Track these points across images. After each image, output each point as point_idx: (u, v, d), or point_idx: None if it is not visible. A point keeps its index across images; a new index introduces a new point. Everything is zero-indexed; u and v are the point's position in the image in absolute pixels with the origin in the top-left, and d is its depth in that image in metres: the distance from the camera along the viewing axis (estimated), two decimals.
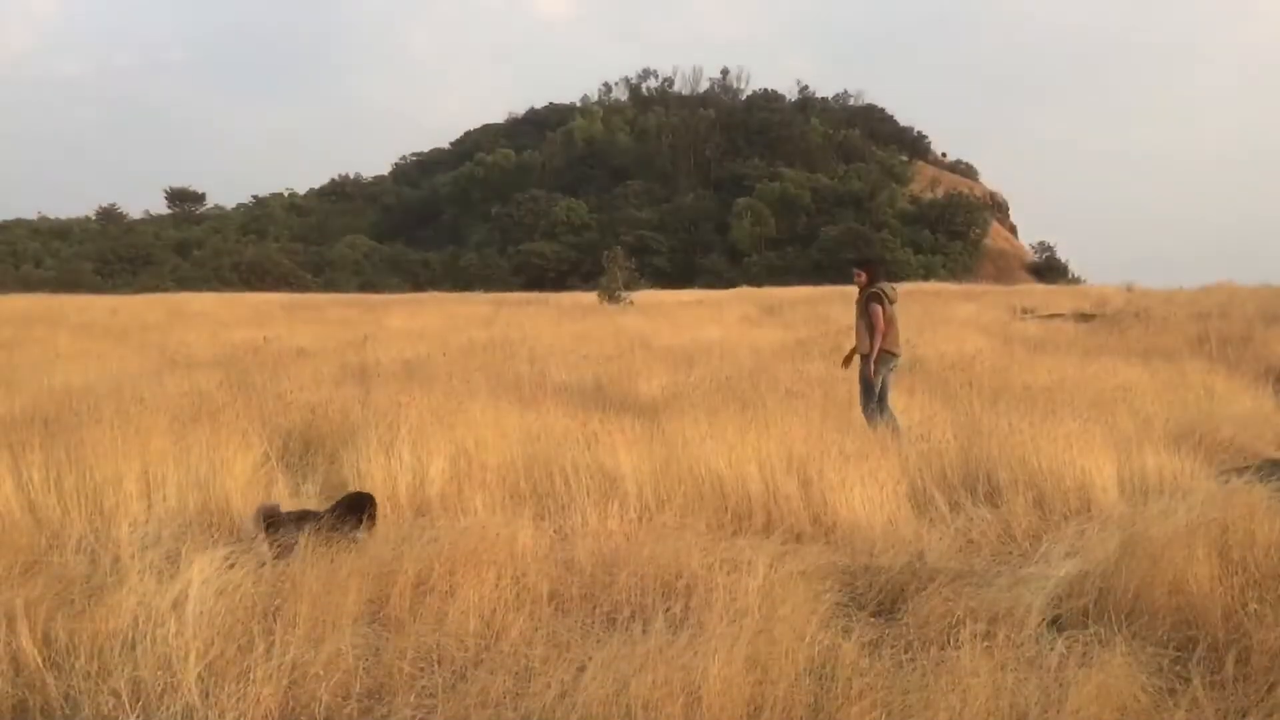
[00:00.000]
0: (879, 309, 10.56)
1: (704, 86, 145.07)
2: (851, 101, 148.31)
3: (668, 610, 5.24)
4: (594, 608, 5.48)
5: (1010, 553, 6.77)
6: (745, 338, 22.10)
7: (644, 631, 4.90)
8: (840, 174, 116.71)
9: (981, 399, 11.18)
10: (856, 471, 7.61)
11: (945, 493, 7.83)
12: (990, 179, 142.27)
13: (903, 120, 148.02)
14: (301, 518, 6.33)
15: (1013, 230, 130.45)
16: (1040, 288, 60.14)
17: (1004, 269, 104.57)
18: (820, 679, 4.40)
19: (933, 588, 5.54)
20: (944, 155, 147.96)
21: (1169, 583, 5.35)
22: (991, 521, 7.25)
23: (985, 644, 4.58)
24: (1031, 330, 23.27)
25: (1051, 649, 4.68)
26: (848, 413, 10.42)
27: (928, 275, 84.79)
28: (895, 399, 10.86)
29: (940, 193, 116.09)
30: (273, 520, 6.31)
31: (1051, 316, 28.31)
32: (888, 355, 10.60)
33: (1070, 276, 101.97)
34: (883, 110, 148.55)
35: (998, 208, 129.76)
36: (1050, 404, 10.84)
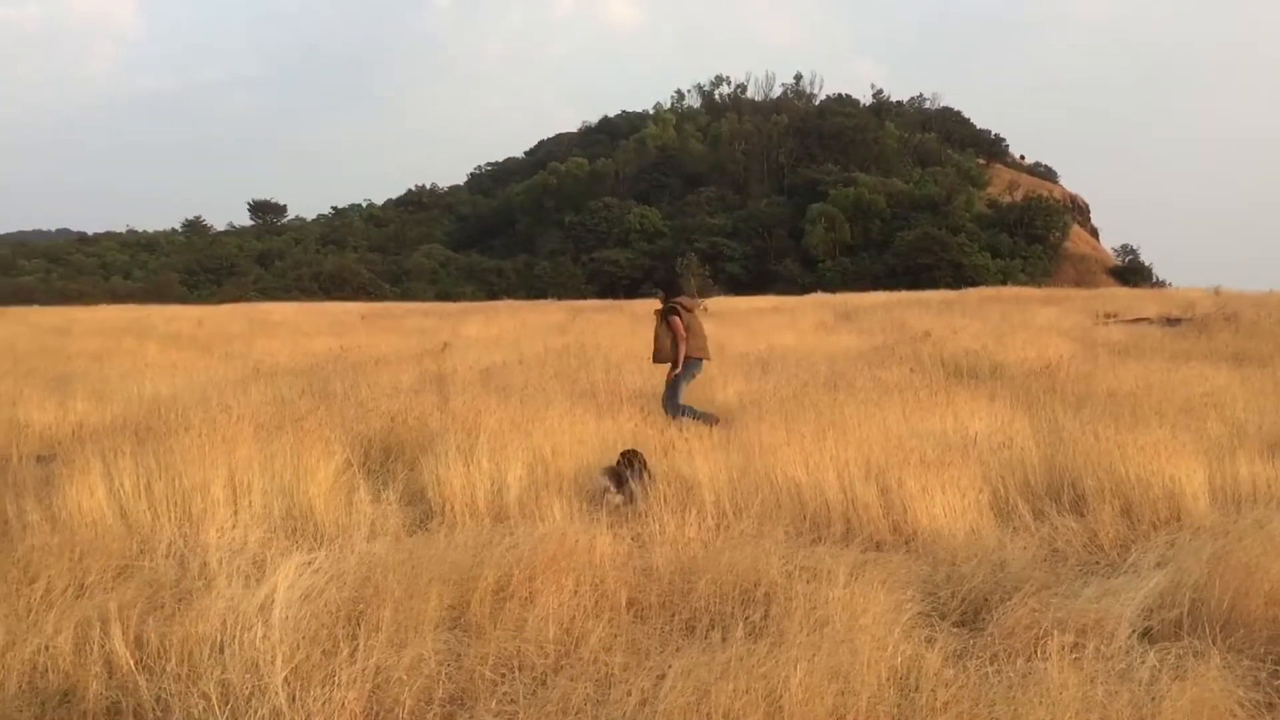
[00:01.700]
0: (677, 320, 11.57)
1: (777, 92, 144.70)
2: (927, 105, 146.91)
3: (747, 618, 5.21)
4: (673, 615, 5.47)
5: (1097, 563, 6.62)
6: (821, 344, 21.93)
7: (723, 640, 4.88)
8: (916, 178, 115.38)
9: (1065, 405, 10.98)
10: (937, 479, 7.49)
11: (1029, 501, 7.68)
12: (1071, 181, 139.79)
13: (980, 123, 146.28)
14: (621, 475, 7.89)
15: (1094, 233, 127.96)
16: (1123, 291, 58.78)
17: (1085, 273, 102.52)
18: (903, 690, 4.34)
19: (1018, 598, 5.43)
20: (1022, 158, 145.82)
21: (1266, 594, 5.20)
22: (1077, 531, 7.09)
23: (1074, 656, 4.50)
24: (1115, 335, 22.75)
25: (1143, 662, 4.57)
26: (928, 419, 10.27)
27: (1006, 280, 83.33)
28: (974, 406, 10.78)
29: (1019, 196, 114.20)
30: (615, 478, 7.81)
31: (1136, 321, 27.65)
32: (695, 360, 11.69)
33: (1154, 280, 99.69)
34: (959, 113, 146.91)
35: (1078, 210, 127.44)
36: (1137, 410, 10.60)
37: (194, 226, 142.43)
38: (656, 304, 12.10)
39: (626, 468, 8.04)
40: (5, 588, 5.64)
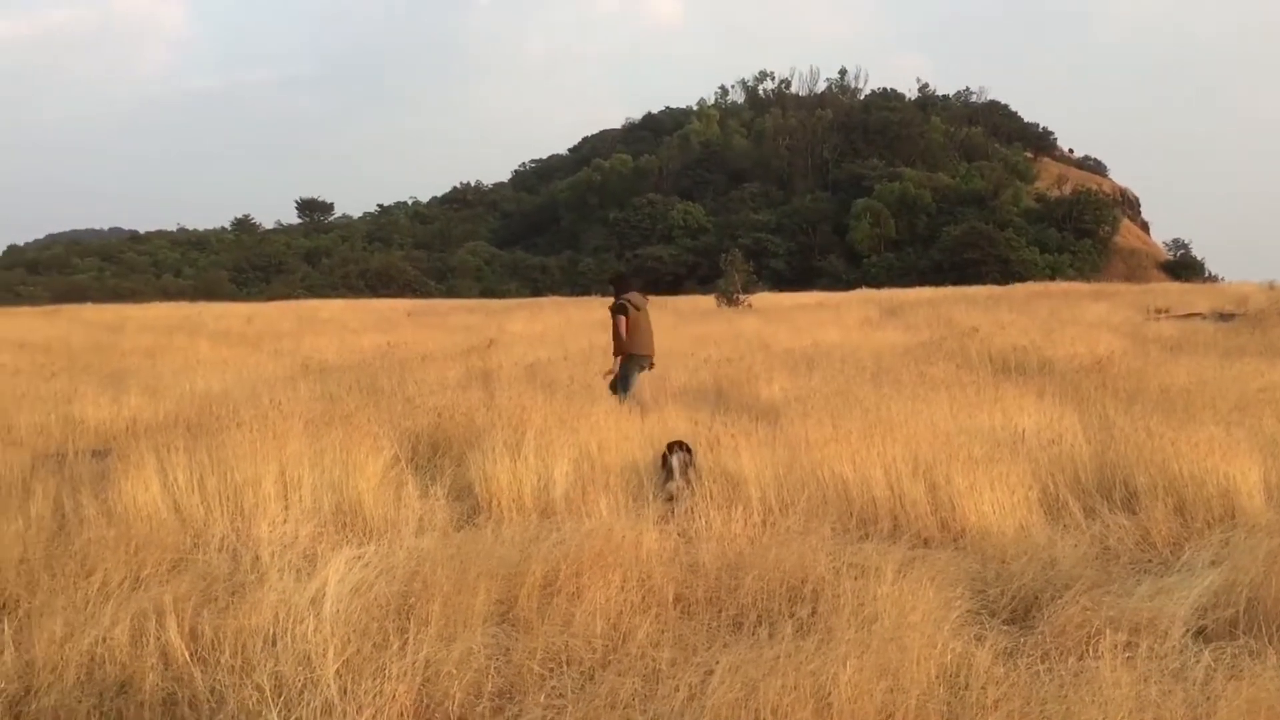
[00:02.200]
0: (621, 319, 12.23)
1: (821, 87, 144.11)
2: (973, 98, 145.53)
3: (794, 615, 5.20)
4: (719, 611, 5.46)
5: (1150, 561, 6.53)
6: (866, 340, 21.80)
7: (771, 636, 4.88)
8: (962, 173, 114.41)
9: (1115, 402, 10.84)
10: (985, 476, 7.43)
11: (1079, 498, 7.59)
12: (1121, 175, 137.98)
13: (1027, 116, 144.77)
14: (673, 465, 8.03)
15: (1144, 227, 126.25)
16: (1175, 286, 57.83)
17: (1135, 268, 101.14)
18: (953, 687, 4.32)
19: (1069, 596, 5.38)
20: (1071, 151, 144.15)
21: None
22: (1129, 528, 7.00)
23: (1127, 655, 4.45)
24: (1167, 330, 22.43)
25: (1197, 661, 4.52)
26: (976, 415, 10.19)
27: (1054, 275, 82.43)
28: (1023, 402, 10.69)
29: (1067, 190, 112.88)
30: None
31: (1188, 316, 27.23)
32: (639, 357, 12.20)
33: (1206, 275, 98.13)
34: (1006, 106, 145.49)
35: (1128, 204, 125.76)
36: (1190, 407, 10.45)
37: (243, 225, 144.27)
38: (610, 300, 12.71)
39: (676, 456, 8.14)
40: (63, 580, 5.75)
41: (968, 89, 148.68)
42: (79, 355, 21.99)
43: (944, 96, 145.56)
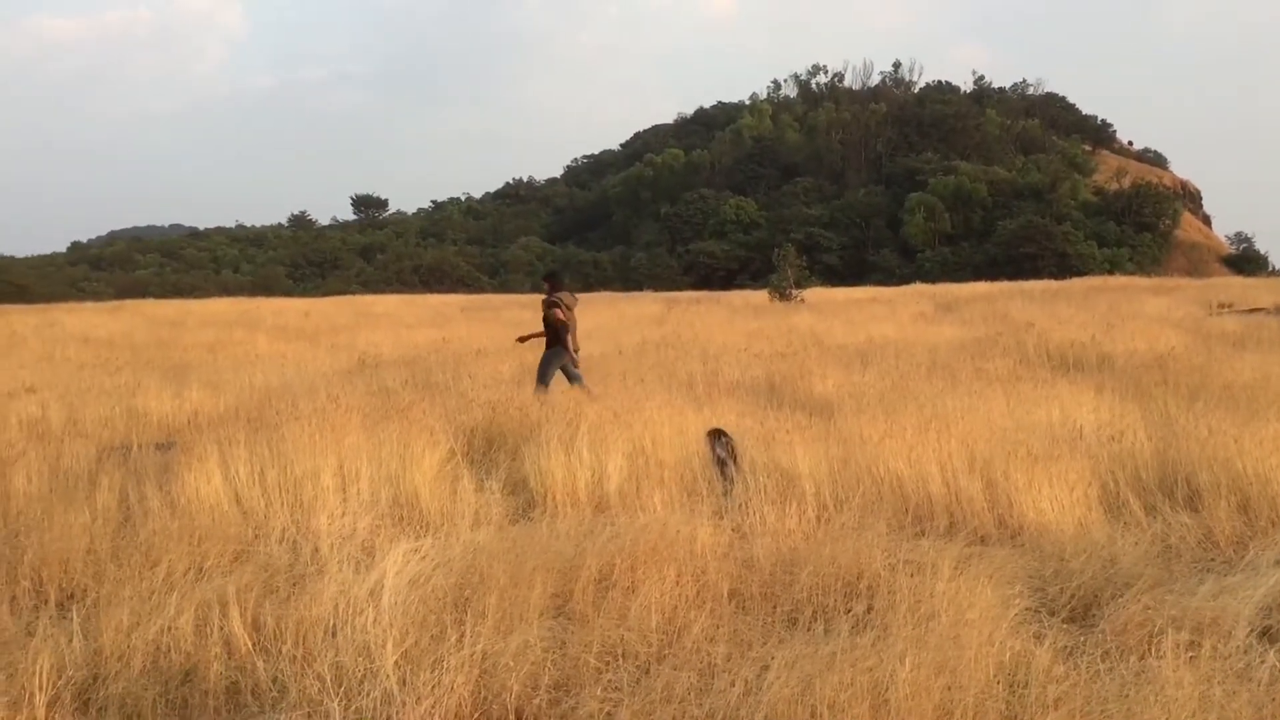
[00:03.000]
0: (557, 313, 12.96)
1: (875, 80, 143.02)
2: (1030, 91, 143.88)
3: (850, 611, 5.17)
4: (774, 607, 5.45)
5: (1213, 560, 6.42)
6: (921, 335, 21.61)
7: (826, 632, 4.86)
8: (1019, 166, 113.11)
9: (1177, 398, 10.65)
10: (1044, 472, 7.34)
11: (1140, 496, 7.48)
12: (1182, 167, 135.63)
13: (1086, 109, 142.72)
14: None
15: (1206, 221, 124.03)
16: (1237, 281, 56.67)
17: (1197, 261, 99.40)
18: (1012, 686, 4.28)
19: (1130, 594, 5.31)
20: (1130, 143, 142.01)
21: None
22: (1191, 527, 6.88)
23: (1189, 654, 4.37)
24: (1230, 326, 21.98)
25: (1262, 661, 4.43)
26: (1033, 411, 10.06)
27: (1113, 269, 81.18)
28: (1081, 398, 10.57)
29: (1126, 183, 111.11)
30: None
31: (1252, 311, 26.69)
32: (561, 349, 12.96)
33: (1270, 269, 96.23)
34: (1063, 99, 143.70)
35: (1189, 197, 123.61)
36: (1254, 403, 10.24)
37: (299, 221, 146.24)
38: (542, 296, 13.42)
39: (720, 443, 8.37)
40: (129, 570, 5.87)
41: (1024, 81, 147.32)
42: (142, 350, 22.41)
43: (1000, 89, 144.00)
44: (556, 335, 13.00)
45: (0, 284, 77.06)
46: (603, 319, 30.93)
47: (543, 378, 12.84)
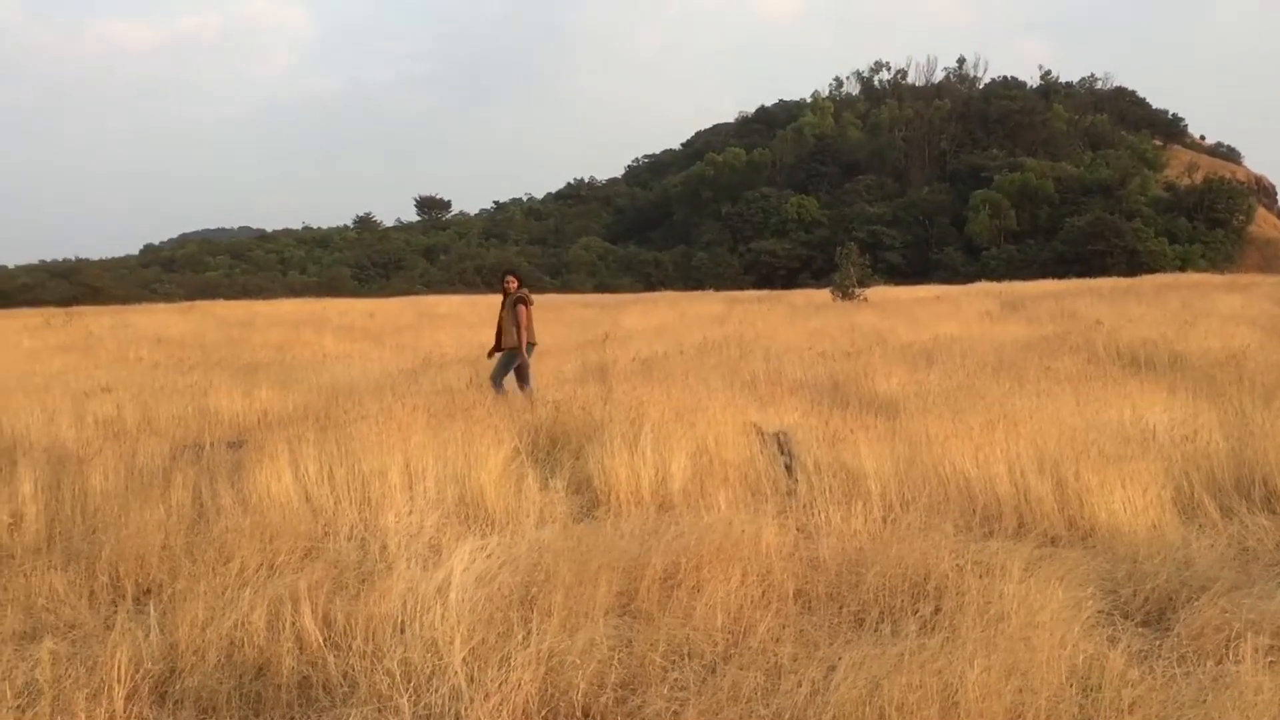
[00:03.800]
0: (525, 310, 12.90)
1: (939, 77, 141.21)
2: (1099, 85, 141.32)
3: (917, 612, 5.13)
4: (840, 607, 5.42)
5: None
6: (987, 334, 21.33)
7: (894, 633, 4.83)
8: (1087, 162, 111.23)
9: (1253, 397, 10.41)
10: (1115, 473, 7.22)
11: (1215, 497, 7.33)
12: (1256, 162, 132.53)
13: (1156, 103, 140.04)
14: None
15: None
16: None
17: (1271, 258, 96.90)
18: (1085, 689, 4.21)
19: (1206, 598, 5.20)
20: (1202, 138, 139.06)
21: None
22: (1269, 529, 6.72)
23: (1269, 659, 4.29)
24: None
25: None
26: (1104, 410, 9.89)
27: (1184, 266, 79.64)
28: (1153, 397, 10.39)
29: (1198, 178, 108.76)
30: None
31: None
32: (530, 345, 13.00)
33: None
34: (1133, 93, 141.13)
35: (1264, 193, 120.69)
36: None
37: (364, 223, 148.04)
38: (508, 292, 13.19)
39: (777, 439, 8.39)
40: (203, 566, 5.98)
41: (1093, 75, 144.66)
42: (212, 350, 22.82)
43: (1068, 83, 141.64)
44: (517, 333, 12.84)
45: (76, 286, 79.08)
46: (664, 318, 30.94)
47: (525, 373, 12.85)
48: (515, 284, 13.12)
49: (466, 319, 32.75)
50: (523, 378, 12.79)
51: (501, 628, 4.77)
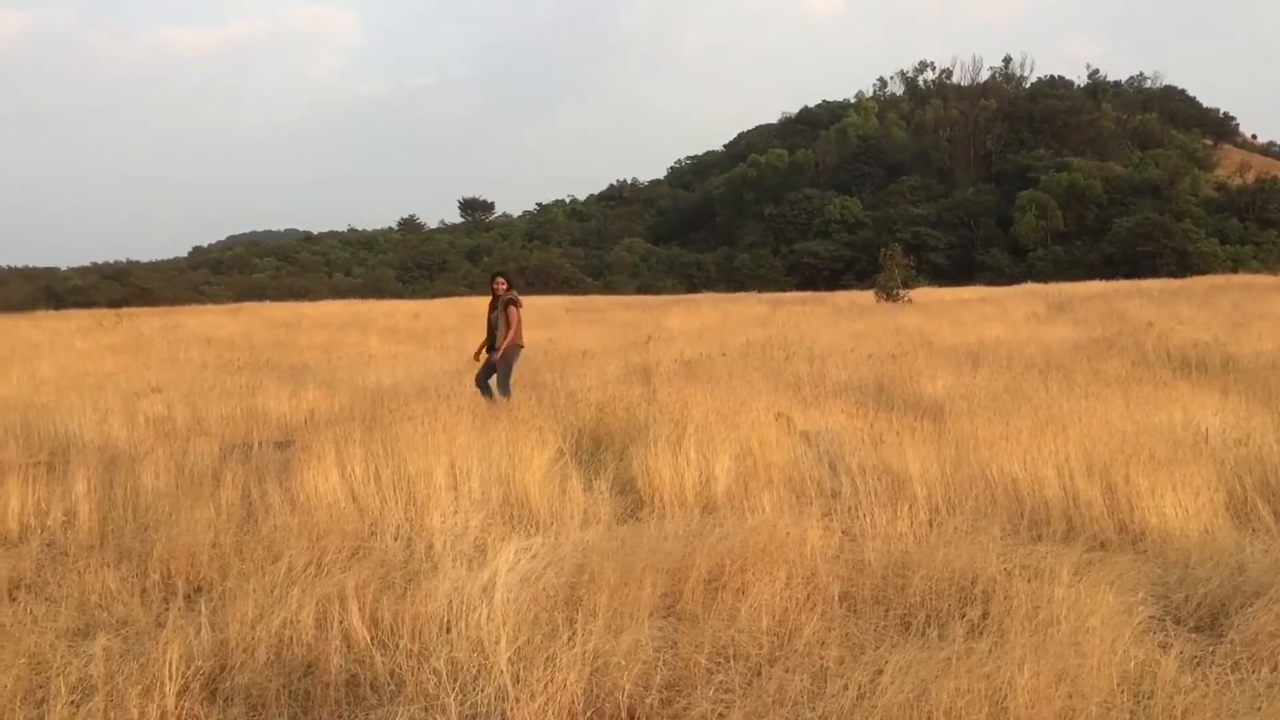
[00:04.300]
0: (517, 312, 12.74)
1: (984, 76, 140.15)
2: (1147, 84, 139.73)
3: (964, 616, 5.09)
4: (886, 611, 5.38)
5: None
6: (1033, 336, 21.12)
7: (941, 637, 4.79)
8: (1135, 161, 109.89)
9: None
10: (1166, 477, 7.11)
11: (1269, 502, 7.20)
12: None
13: (1207, 102, 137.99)
14: None
15: None
16: None
17: None
18: (1137, 696, 4.15)
19: (1260, 603, 5.10)
20: (1254, 137, 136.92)
21: None
22: None
23: None
24: None
25: None
26: (1154, 414, 9.75)
27: (1236, 267, 78.29)
28: (1205, 400, 10.23)
29: (1250, 178, 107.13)
30: None
31: None
32: (518, 347, 12.81)
33: None
34: (1183, 91, 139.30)
35: None
36: None
37: (409, 225, 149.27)
38: (498, 294, 12.92)
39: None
40: (252, 565, 6.05)
41: (1141, 74, 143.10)
42: (260, 350, 23.07)
43: (1116, 83, 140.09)
44: (505, 335, 12.60)
45: (127, 288, 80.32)
46: (707, 320, 30.91)
47: (509, 376, 12.62)
48: (504, 286, 12.97)
49: None
50: (504, 382, 12.61)
51: (546, 628, 4.78)
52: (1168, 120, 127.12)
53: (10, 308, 54.07)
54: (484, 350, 12.97)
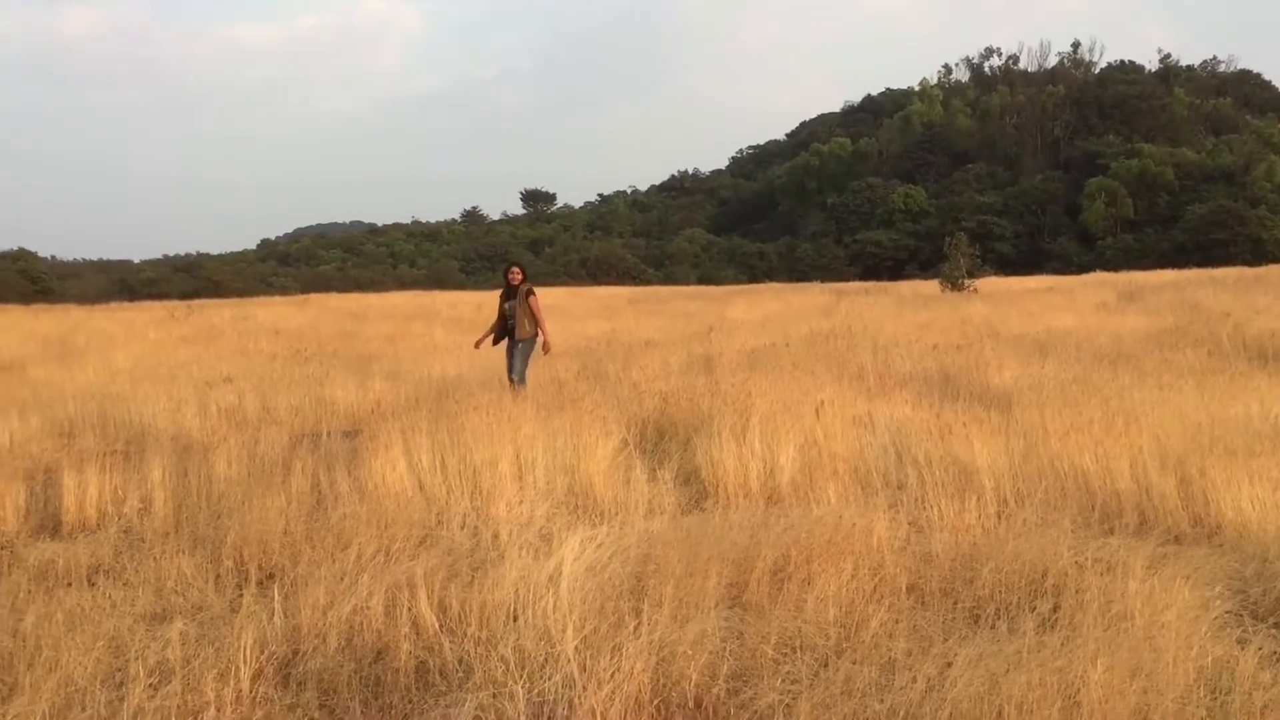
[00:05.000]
0: (537, 300, 12.88)
1: (1052, 62, 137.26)
2: (1221, 68, 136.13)
3: (1035, 609, 5.02)
4: (955, 603, 5.33)
5: None
6: (1103, 326, 20.76)
7: (1010, 630, 4.74)
8: (1208, 148, 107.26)
9: None
10: (1243, 469, 6.97)
11: None
12: None
13: None
14: None
15: None
16: None
17: None
18: (1214, 692, 4.08)
19: None
20: None
21: None
22: None
23: None
24: None
25: None
26: (1230, 405, 9.55)
27: None
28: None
29: None
30: None
31: None
32: (535, 338, 12.75)
33: None
34: (1258, 75, 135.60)
35: None
36: None
37: (471, 216, 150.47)
38: (513, 285, 13.00)
39: None
40: (323, 552, 6.16)
41: (1215, 58, 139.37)
42: (328, 341, 23.42)
43: (1188, 67, 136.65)
44: (532, 324, 12.71)
45: (198, 280, 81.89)
46: (770, 310, 30.79)
47: (526, 365, 12.65)
48: (520, 276, 13.10)
49: (573, 311, 33.00)
50: (523, 371, 12.65)
51: (612, 618, 4.80)
52: (1242, 105, 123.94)
53: (86, 299, 55.38)
54: (489, 339, 13.18)
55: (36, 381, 16.47)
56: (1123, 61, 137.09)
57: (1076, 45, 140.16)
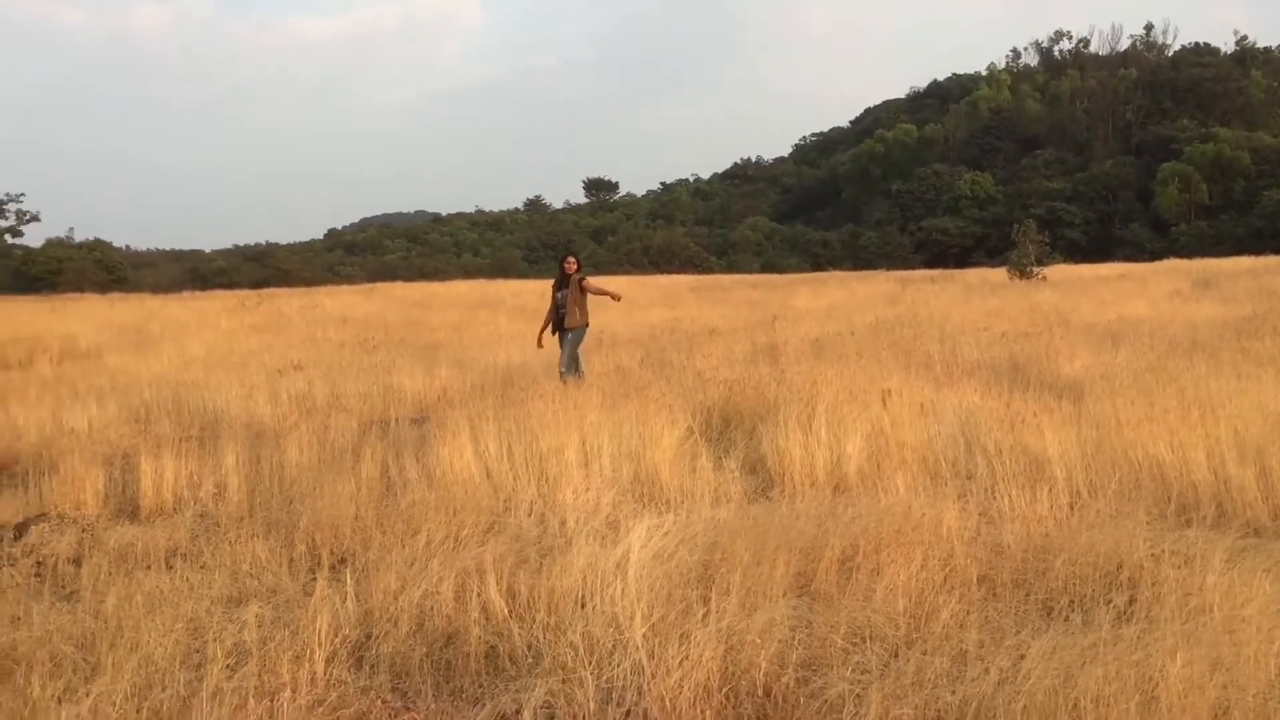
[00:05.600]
0: (590, 283, 12.97)
1: (1124, 45, 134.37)
2: None
3: (1110, 602, 4.94)
4: (1027, 595, 5.26)
5: None
6: (1177, 314, 20.34)
7: (1085, 623, 4.68)
8: None
9: None
10: None
11: None
12: None
13: None
14: None
15: None
16: None
17: None
18: None
19: None
20: None
21: None
22: None
23: None
24: None
25: None
26: None
27: None
28: None
29: None
30: None
31: None
32: (585, 327, 12.90)
33: None
34: None
35: None
36: None
37: (534, 205, 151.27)
38: (568, 274, 12.95)
39: None
40: (393, 538, 6.24)
41: None
42: (394, 330, 23.68)
43: (1265, 49, 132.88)
44: (583, 312, 12.78)
45: (267, 269, 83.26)
46: (834, 298, 30.58)
47: (577, 362, 12.66)
48: (575, 266, 13.11)
49: (636, 299, 33.00)
50: (575, 360, 12.68)
51: (680, 605, 4.80)
52: None
53: (160, 288, 56.63)
54: (548, 331, 13.16)
55: (113, 369, 16.86)
56: (1197, 44, 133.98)
57: (1149, 28, 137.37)
